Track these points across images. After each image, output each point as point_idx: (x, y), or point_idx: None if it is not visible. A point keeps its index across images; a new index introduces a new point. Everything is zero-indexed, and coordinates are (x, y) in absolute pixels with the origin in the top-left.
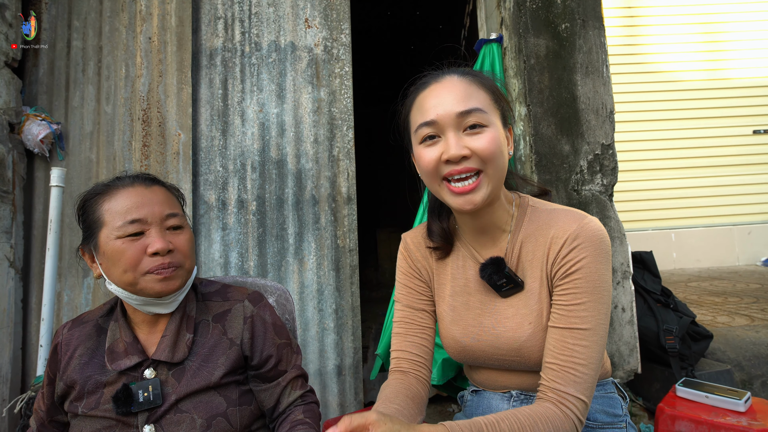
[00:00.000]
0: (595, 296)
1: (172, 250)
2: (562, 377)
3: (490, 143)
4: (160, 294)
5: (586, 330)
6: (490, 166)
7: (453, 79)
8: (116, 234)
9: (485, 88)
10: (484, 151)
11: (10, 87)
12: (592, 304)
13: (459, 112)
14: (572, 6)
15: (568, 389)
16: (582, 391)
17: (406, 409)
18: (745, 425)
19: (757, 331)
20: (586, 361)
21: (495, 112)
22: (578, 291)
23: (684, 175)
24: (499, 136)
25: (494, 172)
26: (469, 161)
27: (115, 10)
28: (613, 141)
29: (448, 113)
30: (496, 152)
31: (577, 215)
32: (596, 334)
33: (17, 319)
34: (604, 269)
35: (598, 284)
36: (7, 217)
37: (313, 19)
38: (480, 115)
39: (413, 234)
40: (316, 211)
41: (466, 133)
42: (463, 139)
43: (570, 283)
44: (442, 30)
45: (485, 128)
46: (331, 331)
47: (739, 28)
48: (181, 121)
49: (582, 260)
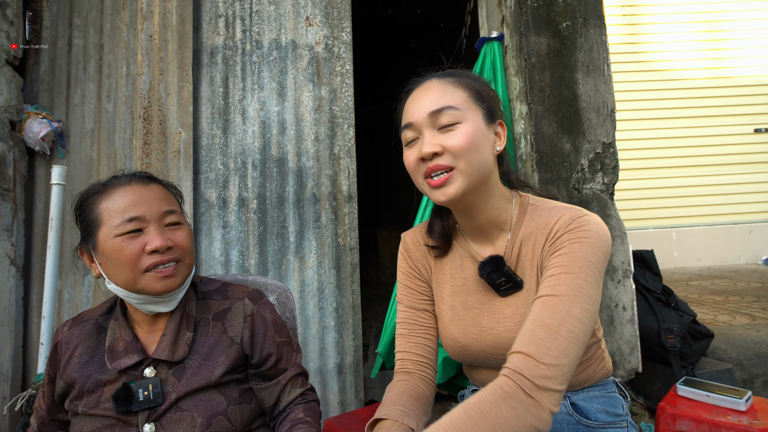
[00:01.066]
0: (575, 270)
1: (172, 246)
2: (519, 340)
3: (460, 139)
4: (160, 292)
5: (556, 296)
6: (462, 161)
7: (431, 82)
8: (114, 232)
9: (463, 87)
10: (455, 147)
11: (11, 85)
12: (567, 276)
13: (430, 112)
14: (573, 4)
15: (521, 348)
16: (536, 352)
17: (411, 410)
18: (746, 424)
19: (758, 330)
20: (549, 324)
21: (474, 108)
22: (557, 266)
23: (685, 174)
24: (474, 132)
25: (467, 167)
26: (441, 158)
27: (116, 8)
28: (614, 139)
29: (422, 114)
30: (467, 148)
31: (577, 209)
32: (568, 302)
33: (18, 316)
34: (590, 252)
35: (579, 261)
36: (8, 215)
37: (314, 17)
38: (452, 112)
39: (412, 233)
40: (317, 210)
41: (440, 131)
42: (437, 137)
43: (552, 260)
44: (443, 28)
45: (457, 125)
46: (332, 330)
47: (740, 27)
48: (182, 119)
49: (568, 241)
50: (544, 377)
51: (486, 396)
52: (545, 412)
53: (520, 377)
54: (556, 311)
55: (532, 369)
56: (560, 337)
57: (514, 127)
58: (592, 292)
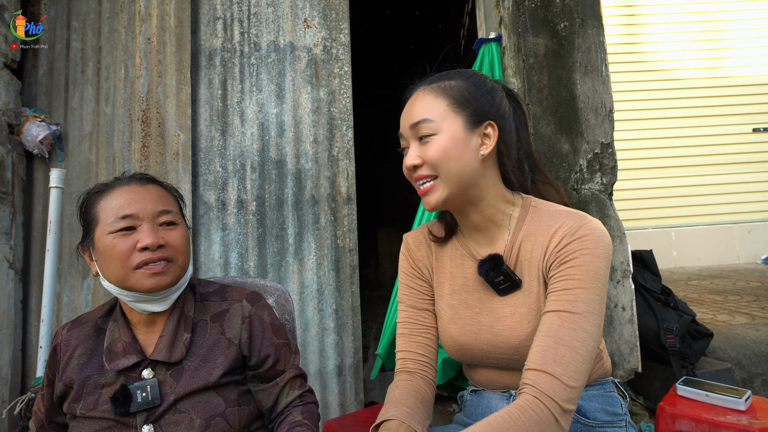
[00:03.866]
0: (589, 285)
1: (163, 245)
2: (542, 357)
3: (434, 151)
4: (150, 290)
5: (574, 314)
6: (441, 170)
7: (418, 93)
8: (108, 230)
9: (445, 95)
10: (430, 158)
11: (9, 88)
12: (584, 292)
13: (410, 125)
14: (571, 5)
15: (546, 368)
16: (563, 373)
17: (417, 412)
18: (745, 424)
19: (757, 329)
20: (572, 344)
21: (451, 117)
22: (571, 278)
23: (684, 174)
24: (447, 143)
25: (446, 176)
26: (422, 168)
27: (114, 11)
28: (612, 140)
29: (405, 126)
30: (441, 158)
31: (579, 215)
32: (586, 320)
33: (17, 320)
34: (601, 265)
35: (593, 275)
36: (7, 218)
37: (312, 19)
38: (427, 125)
39: (414, 234)
40: (316, 211)
41: (421, 142)
42: (419, 149)
43: (564, 271)
44: (441, 29)
45: (432, 137)
46: (332, 331)
47: (738, 27)
48: (180, 122)
49: (579, 251)
50: (569, 400)
51: (521, 418)
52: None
53: (551, 402)
54: (577, 331)
55: (560, 393)
56: (581, 358)
57: None
58: (602, 306)
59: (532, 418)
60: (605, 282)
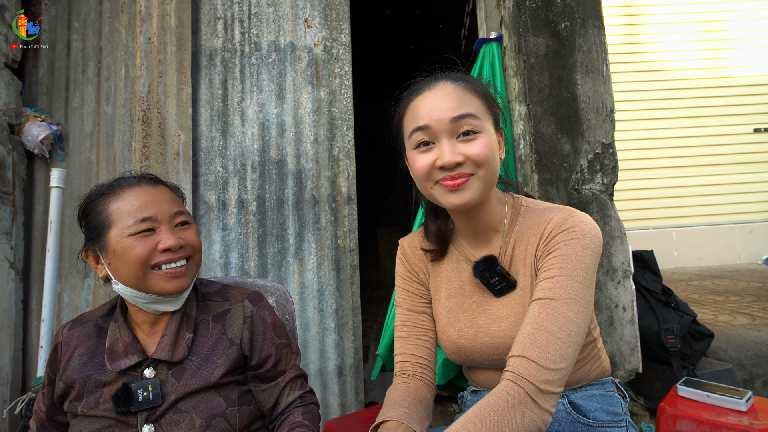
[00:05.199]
0: (571, 272)
1: (183, 245)
2: (521, 343)
3: (483, 149)
4: (171, 293)
5: (554, 300)
6: (482, 169)
7: (446, 85)
8: (128, 232)
9: (478, 94)
10: (478, 156)
11: (9, 88)
12: (564, 279)
13: (452, 118)
14: (572, 5)
15: (523, 353)
16: (539, 356)
17: (416, 413)
18: (746, 425)
19: (758, 329)
20: (550, 329)
21: (488, 117)
22: (553, 267)
23: (685, 174)
24: (492, 141)
25: (486, 174)
26: (463, 167)
27: (115, 11)
28: (613, 140)
29: (441, 119)
30: (489, 157)
31: (567, 210)
32: (566, 306)
33: (18, 320)
34: (585, 254)
35: (574, 263)
36: (8, 218)
37: (313, 19)
38: (473, 121)
39: (410, 239)
40: (317, 211)
41: (459, 139)
42: (457, 146)
43: (548, 262)
44: (441, 29)
45: (478, 134)
46: (332, 332)
47: (739, 27)
48: (180, 122)
49: (563, 242)
50: (546, 381)
51: (496, 402)
52: (547, 414)
53: (526, 382)
54: (556, 315)
55: (536, 374)
56: (560, 342)
57: (513, 128)
58: (586, 294)
59: (507, 400)
60: (591, 271)
